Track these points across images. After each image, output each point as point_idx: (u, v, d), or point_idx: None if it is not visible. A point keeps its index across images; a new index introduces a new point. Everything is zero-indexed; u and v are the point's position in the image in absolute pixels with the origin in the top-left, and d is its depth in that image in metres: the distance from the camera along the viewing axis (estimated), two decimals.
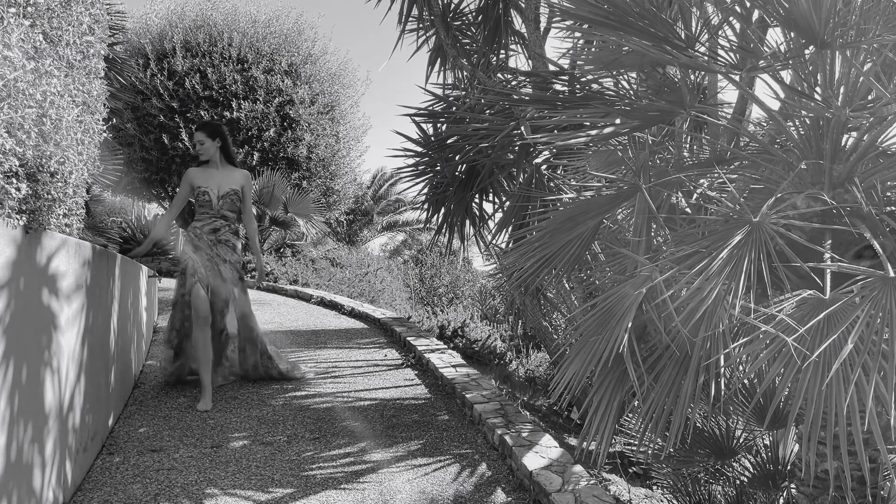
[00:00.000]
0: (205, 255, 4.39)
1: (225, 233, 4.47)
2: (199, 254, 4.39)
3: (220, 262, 4.43)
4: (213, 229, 4.44)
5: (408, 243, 21.33)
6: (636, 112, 2.62)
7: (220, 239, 4.44)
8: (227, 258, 4.46)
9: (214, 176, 4.48)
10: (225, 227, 4.47)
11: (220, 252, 4.44)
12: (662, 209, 2.42)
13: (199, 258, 4.38)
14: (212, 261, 4.41)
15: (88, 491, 2.99)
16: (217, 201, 4.43)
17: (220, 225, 4.45)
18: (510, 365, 7.25)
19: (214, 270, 4.41)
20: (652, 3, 2.30)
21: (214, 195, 4.42)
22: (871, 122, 2.10)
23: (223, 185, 4.46)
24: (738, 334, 1.98)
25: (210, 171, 4.49)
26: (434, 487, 3.26)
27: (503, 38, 5.51)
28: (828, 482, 2.27)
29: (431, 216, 5.48)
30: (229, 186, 4.47)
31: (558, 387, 2.30)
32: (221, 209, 4.45)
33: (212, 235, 4.43)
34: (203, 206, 4.43)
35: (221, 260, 4.44)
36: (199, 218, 4.45)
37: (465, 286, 12.51)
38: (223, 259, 4.45)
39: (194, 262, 4.36)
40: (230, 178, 4.52)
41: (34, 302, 2.45)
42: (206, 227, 4.44)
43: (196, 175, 4.48)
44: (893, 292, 1.67)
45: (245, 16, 11.75)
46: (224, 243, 4.46)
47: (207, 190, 4.41)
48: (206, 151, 4.43)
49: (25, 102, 2.15)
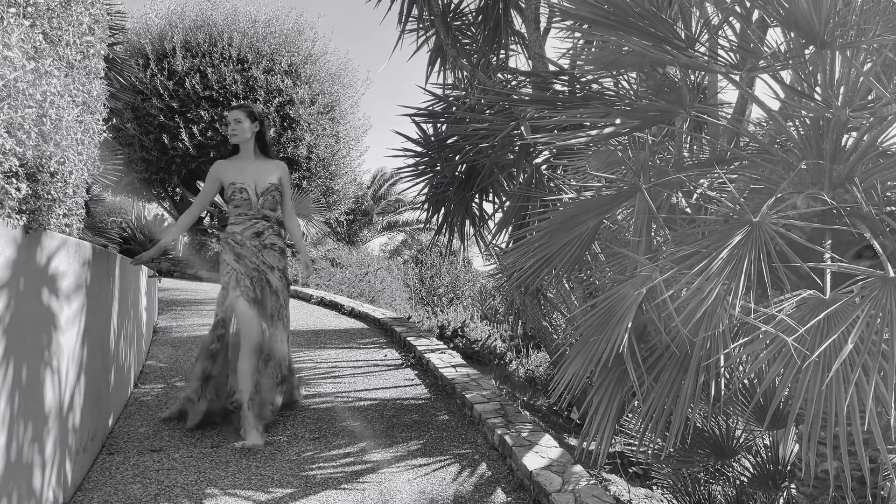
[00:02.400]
0: (249, 263, 3.74)
1: (269, 235, 3.83)
2: (243, 263, 3.73)
3: (267, 270, 3.79)
4: (255, 233, 3.78)
5: (408, 243, 21.32)
6: (636, 112, 2.62)
7: (265, 243, 3.80)
8: (274, 264, 3.83)
9: (248, 169, 3.83)
10: (268, 228, 3.83)
11: (267, 258, 3.80)
12: (662, 209, 2.42)
13: (244, 268, 3.72)
14: (259, 270, 3.75)
15: (88, 491, 2.99)
16: (257, 199, 3.78)
17: (262, 227, 3.81)
18: (510, 365, 7.25)
19: (262, 281, 3.77)
20: (652, 3, 2.30)
21: (252, 192, 3.77)
22: (871, 122, 2.10)
23: (261, 180, 3.81)
24: (738, 334, 1.98)
25: (242, 163, 3.84)
26: (434, 487, 3.26)
27: (503, 38, 5.51)
28: (828, 482, 2.27)
29: (431, 216, 5.49)
30: (268, 181, 3.83)
31: (558, 387, 2.30)
32: (263, 208, 3.81)
33: (255, 240, 3.77)
34: (240, 205, 3.78)
35: (269, 267, 3.80)
36: (237, 220, 3.80)
37: (465, 286, 12.51)
38: (271, 266, 3.81)
39: (238, 274, 3.72)
40: (266, 170, 3.87)
41: (34, 302, 2.45)
42: (247, 231, 3.77)
43: (226, 169, 3.81)
44: (893, 292, 1.67)
45: (245, 16, 11.75)
46: (270, 248, 3.82)
47: (245, 187, 3.76)
48: (242, 135, 3.78)
49: (25, 102, 2.15)
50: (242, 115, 3.78)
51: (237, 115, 3.78)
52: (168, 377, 4.99)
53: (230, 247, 3.76)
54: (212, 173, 3.82)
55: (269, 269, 3.79)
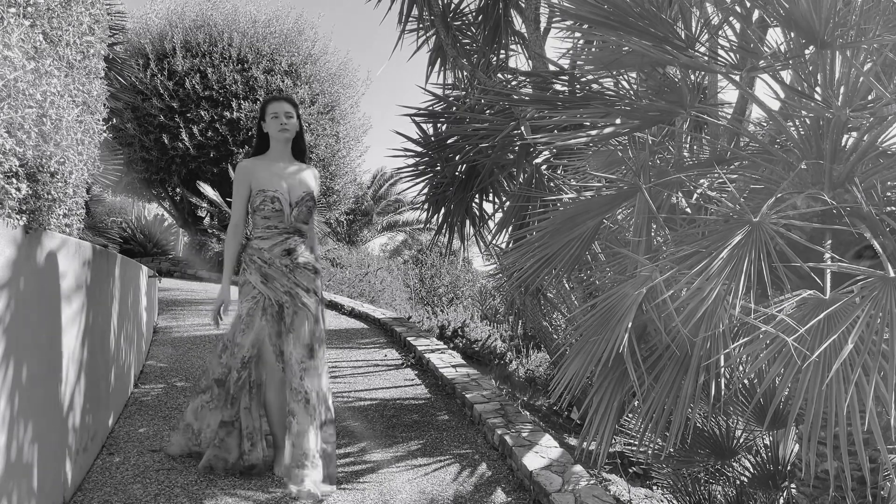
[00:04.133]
0: (279, 286, 3.12)
1: (303, 253, 3.20)
2: (272, 286, 3.12)
3: (302, 293, 3.15)
4: (286, 251, 3.15)
5: (408, 243, 21.32)
6: (636, 112, 2.62)
7: (297, 262, 3.16)
8: (309, 286, 3.19)
9: (282, 174, 3.21)
10: (301, 244, 3.20)
11: (301, 279, 3.16)
12: (662, 209, 2.42)
13: (272, 293, 3.12)
14: (291, 294, 3.13)
15: (88, 491, 2.99)
16: (290, 210, 3.16)
17: (294, 243, 3.17)
18: (510, 365, 7.25)
19: (296, 306, 3.13)
20: (652, 3, 2.30)
21: (286, 202, 3.15)
22: (871, 122, 2.10)
23: (295, 188, 3.20)
24: (738, 334, 1.98)
25: (275, 166, 3.22)
26: (434, 487, 3.26)
27: (503, 38, 5.52)
28: (828, 482, 2.27)
29: (431, 216, 5.49)
30: (303, 190, 3.22)
31: (558, 387, 2.30)
32: (296, 221, 3.19)
33: (286, 258, 3.14)
34: (269, 217, 3.15)
35: (304, 289, 3.16)
36: (265, 234, 3.16)
37: (465, 286, 12.51)
38: (306, 288, 3.17)
39: (265, 300, 3.13)
40: (301, 176, 3.26)
41: (34, 302, 2.45)
42: (276, 248, 3.14)
43: (257, 171, 3.18)
44: (893, 292, 1.67)
45: (245, 16, 11.76)
46: (304, 268, 3.18)
47: (277, 195, 3.13)
48: (293, 130, 3.24)
49: (25, 102, 2.15)
50: (292, 109, 3.23)
51: (288, 108, 3.21)
52: (168, 377, 4.99)
53: (256, 266, 3.13)
54: (241, 176, 3.19)
55: (305, 291, 3.15)
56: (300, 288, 3.14)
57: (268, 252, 3.13)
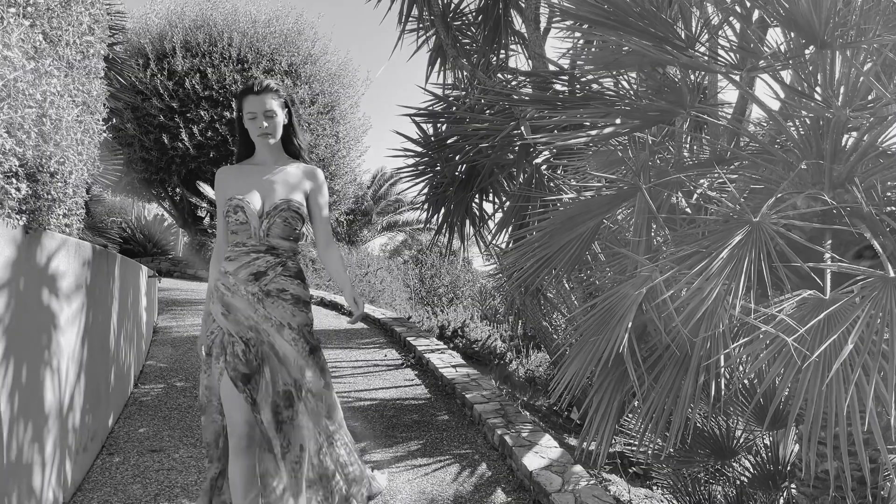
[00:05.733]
0: (243, 319, 2.43)
1: (276, 277, 2.46)
2: (233, 318, 2.43)
3: (272, 328, 2.44)
4: (253, 274, 2.44)
5: (408, 243, 21.32)
6: (636, 112, 2.62)
7: (267, 290, 2.44)
8: (284, 320, 2.45)
9: (258, 178, 2.54)
10: (275, 266, 2.47)
11: (272, 311, 2.44)
12: (662, 209, 2.42)
13: (234, 326, 2.42)
14: (256, 330, 2.43)
15: (88, 491, 2.99)
16: (259, 222, 2.47)
17: (265, 265, 2.46)
18: (510, 365, 7.25)
19: (263, 344, 2.44)
20: (652, 3, 2.30)
21: (252, 211, 2.47)
22: (871, 122, 2.10)
23: (271, 194, 2.50)
24: (738, 334, 1.98)
25: (254, 169, 2.57)
26: (434, 487, 3.26)
27: (503, 38, 5.52)
28: (828, 482, 2.27)
29: (431, 216, 5.49)
30: (281, 195, 2.50)
31: (558, 387, 2.30)
32: (268, 236, 2.48)
33: (252, 285, 2.43)
34: (237, 231, 2.51)
35: (275, 325, 2.44)
36: (231, 254, 2.50)
37: (465, 286, 12.50)
38: (278, 323, 2.44)
39: (225, 335, 2.44)
40: (286, 180, 2.56)
41: (34, 302, 2.45)
42: (241, 272, 2.45)
43: (228, 178, 2.57)
44: (893, 292, 1.67)
45: (245, 16, 11.77)
46: (277, 296, 2.45)
47: (241, 204, 2.47)
48: (274, 131, 2.52)
49: (25, 102, 2.15)
50: (275, 104, 2.51)
51: (269, 105, 2.48)
52: (168, 377, 4.99)
53: (218, 294, 2.48)
54: (216, 186, 2.61)
55: (276, 327, 2.44)
56: (271, 322, 2.43)
57: (232, 276, 2.45)
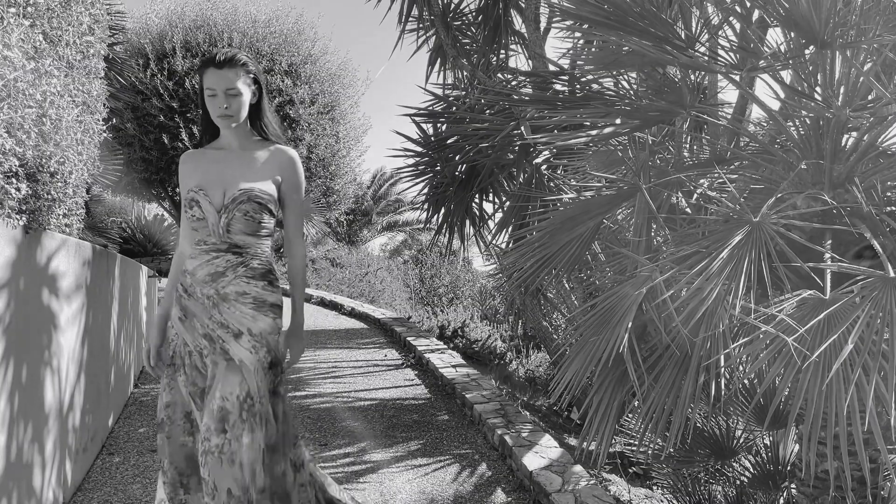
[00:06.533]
0: (199, 325, 2.13)
1: (235, 279, 2.13)
2: (189, 324, 2.15)
3: (228, 337, 2.11)
4: (210, 275, 2.13)
5: (408, 243, 21.33)
6: (636, 112, 2.62)
7: (224, 292, 2.11)
8: (242, 327, 2.11)
9: (217, 165, 2.18)
10: (235, 267, 2.14)
11: (229, 317, 2.11)
12: (662, 209, 2.42)
13: (190, 335, 2.15)
14: (210, 338, 2.12)
15: (88, 491, 2.99)
16: (217, 217, 2.13)
17: (224, 265, 2.13)
18: (510, 365, 7.25)
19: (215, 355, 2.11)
20: (652, 3, 2.30)
21: (209, 205, 2.12)
22: (871, 122, 2.10)
23: (234, 183, 2.14)
24: (739, 334, 1.98)
25: (215, 155, 2.21)
26: (434, 487, 3.26)
27: (503, 38, 5.51)
28: (828, 482, 2.27)
29: (431, 216, 5.49)
30: (244, 184, 2.13)
31: (558, 387, 2.30)
32: (228, 232, 2.13)
33: (209, 286, 2.12)
34: (196, 228, 2.18)
35: (232, 333, 2.11)
36: (194, 253, 2.19)
37: (465, 286, 12.51)
38: (235, 331, 2.11)
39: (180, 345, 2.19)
40: (251, 165, 2.18)
41: (34, 302, 2.45)
42: (199, 272, 2.14)
43: (189, 166, 2.23)
44: (893, 292, 1.67)
45: (245, 16, 11.77)
46: (236, 300, 2.12)
47: (197, 197, 2.14)
48: (237, 113, 2.12)
49: (25, 102, 2.15)
50: (241, 81, 2.10)
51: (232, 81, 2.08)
52: None
53: (178, 296, 2.20)
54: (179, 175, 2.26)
55: (233, 335, 2.10)
56: (227, 330, 2.10)
57: (190, 276, 2.15)
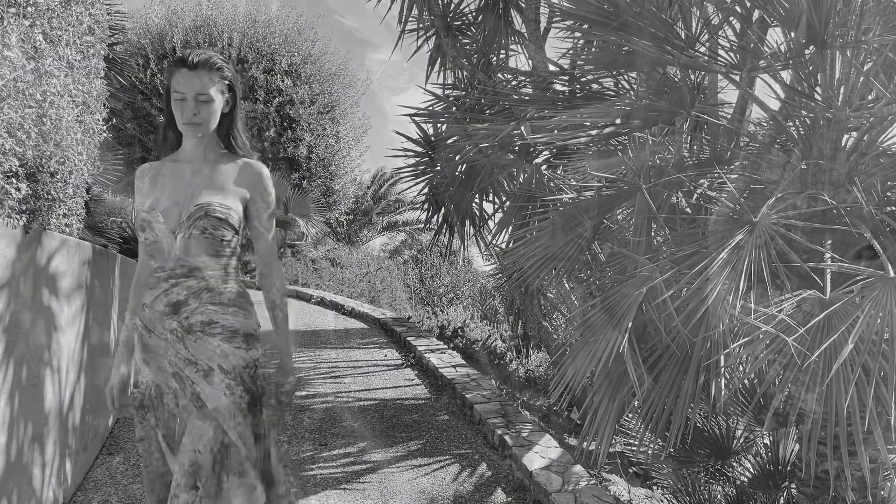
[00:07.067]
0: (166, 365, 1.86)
1: (201, 307, 1.85)
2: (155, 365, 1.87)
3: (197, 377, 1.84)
4: (170, 305, 1.84)
5: (408, 243, 21.31)
6: (636, 112, 2.62)
7: (188, 323, 1.83)
8: (213, 362, 1.83)
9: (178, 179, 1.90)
10: (198, 294, 1.85)
11: (199, 352, 1.84)
12: (662, 209, 2.42)
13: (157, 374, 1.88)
14: (179, 377, 1.85)
15: (88, 491, 2.99)
16: (173, 238, 1.85)
17: (185, 291, 1.85)
18: (510, 365, 7.25)
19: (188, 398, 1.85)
20: (652, 3, 2.30)
21: (163, 227, 1.85)
22: (871, 122, 2.10)
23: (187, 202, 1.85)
24: (739, 334, 1.98)
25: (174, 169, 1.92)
26: (434, 487, 3.26)
27: (503, 38, 5.51)
28: (828, 482, 2.27)
29: (431, 216, 5.49)
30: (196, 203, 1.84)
31: (558, 387, 2.30)
32: (187, 254, 1.85)
33: (171, 319, 1.84)
34: (152, 254, 1.90)
35: (201, 371, 1.84)
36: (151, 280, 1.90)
37: (465, 286, 12.50)
38: (203, 368, 1.84)
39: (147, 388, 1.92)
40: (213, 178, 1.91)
41: (34, 302, 2.45)
42: (158, 304, 1.85)
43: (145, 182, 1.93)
44: (893, 292, 1.67)
45: (245, 16, 11.78)
46: (202, 331, 1.84)
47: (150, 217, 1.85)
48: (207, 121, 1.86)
49: (25, 102, 2.15)
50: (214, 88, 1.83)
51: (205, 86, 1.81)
52: None
53: (139, 335, 1.90)
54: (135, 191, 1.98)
55: (202, 374, 1.83)
56: (195, 367, 1.83)
57: (149, 310, 1.86)
